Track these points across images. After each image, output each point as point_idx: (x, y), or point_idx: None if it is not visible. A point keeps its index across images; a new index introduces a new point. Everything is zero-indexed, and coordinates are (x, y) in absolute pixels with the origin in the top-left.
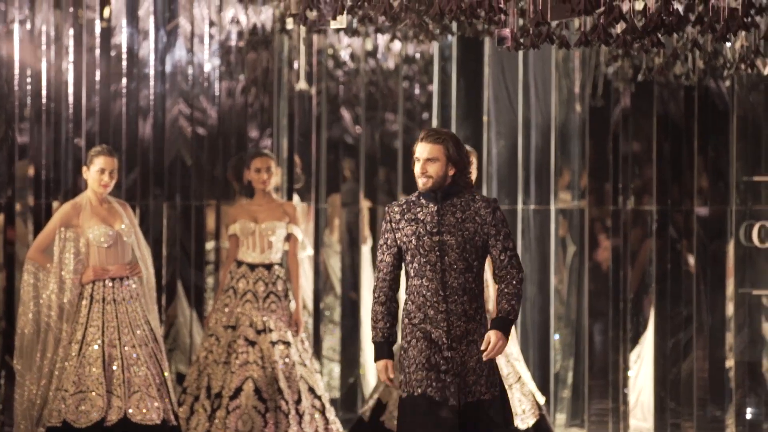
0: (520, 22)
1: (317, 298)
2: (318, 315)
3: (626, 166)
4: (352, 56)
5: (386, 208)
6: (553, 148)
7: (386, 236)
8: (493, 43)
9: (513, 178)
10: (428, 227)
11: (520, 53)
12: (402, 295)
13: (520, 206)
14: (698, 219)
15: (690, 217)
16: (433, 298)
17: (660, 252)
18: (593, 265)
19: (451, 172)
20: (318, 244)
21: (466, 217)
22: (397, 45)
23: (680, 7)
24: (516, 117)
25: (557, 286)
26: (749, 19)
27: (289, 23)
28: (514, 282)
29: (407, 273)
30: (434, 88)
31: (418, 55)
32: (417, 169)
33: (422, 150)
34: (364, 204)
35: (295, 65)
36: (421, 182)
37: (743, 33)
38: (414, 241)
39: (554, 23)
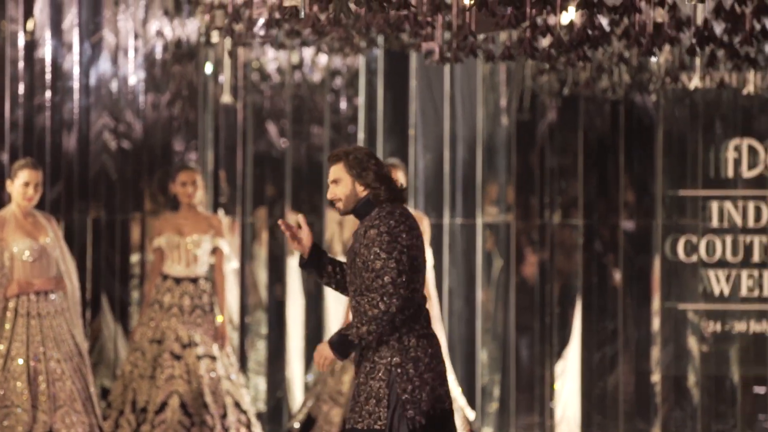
0: (446, 35)
1: (243, 311)
2: (244, 329)
3: (553, 180)
4: (278, 69)
5: None
6: (479, 162)
7: None
8: (420, 56)
9: (439, 191)
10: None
11: (447, 67)
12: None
13: (446, 220)
14: (624, 233)
15: (616, 231)
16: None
17: (586, 266)
18: (520, 279)
19: (361, 189)
20: (244, 258)
21: (358, 236)
22: (323, 58)
23: (605, 22)
24: (442, 130)
25: (484, 300)
26: (674, 33)
27: (215, 36)
28: (367, 306)
29: None
30: (360, 101)
31: (344, 69)
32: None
33: (329, 173)
34: (291, 218)
35: (221, 78)
36: (335, 206)
37: (668, 47)
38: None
39: (480, 37)
